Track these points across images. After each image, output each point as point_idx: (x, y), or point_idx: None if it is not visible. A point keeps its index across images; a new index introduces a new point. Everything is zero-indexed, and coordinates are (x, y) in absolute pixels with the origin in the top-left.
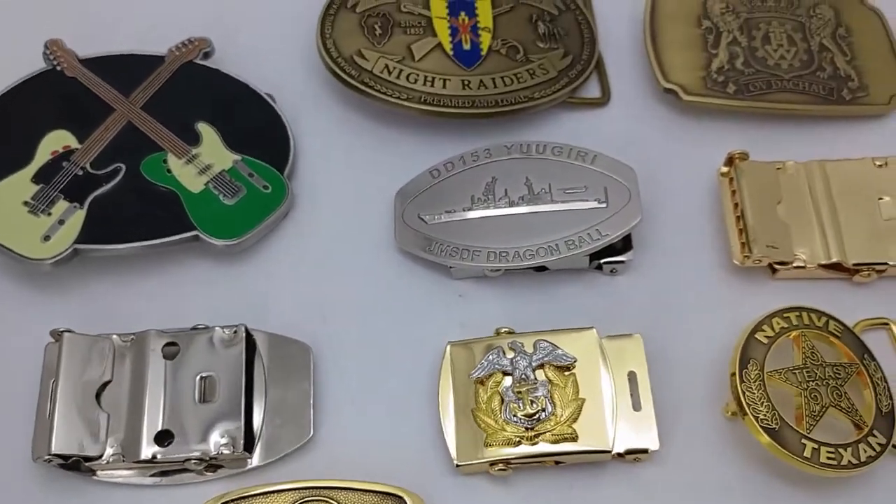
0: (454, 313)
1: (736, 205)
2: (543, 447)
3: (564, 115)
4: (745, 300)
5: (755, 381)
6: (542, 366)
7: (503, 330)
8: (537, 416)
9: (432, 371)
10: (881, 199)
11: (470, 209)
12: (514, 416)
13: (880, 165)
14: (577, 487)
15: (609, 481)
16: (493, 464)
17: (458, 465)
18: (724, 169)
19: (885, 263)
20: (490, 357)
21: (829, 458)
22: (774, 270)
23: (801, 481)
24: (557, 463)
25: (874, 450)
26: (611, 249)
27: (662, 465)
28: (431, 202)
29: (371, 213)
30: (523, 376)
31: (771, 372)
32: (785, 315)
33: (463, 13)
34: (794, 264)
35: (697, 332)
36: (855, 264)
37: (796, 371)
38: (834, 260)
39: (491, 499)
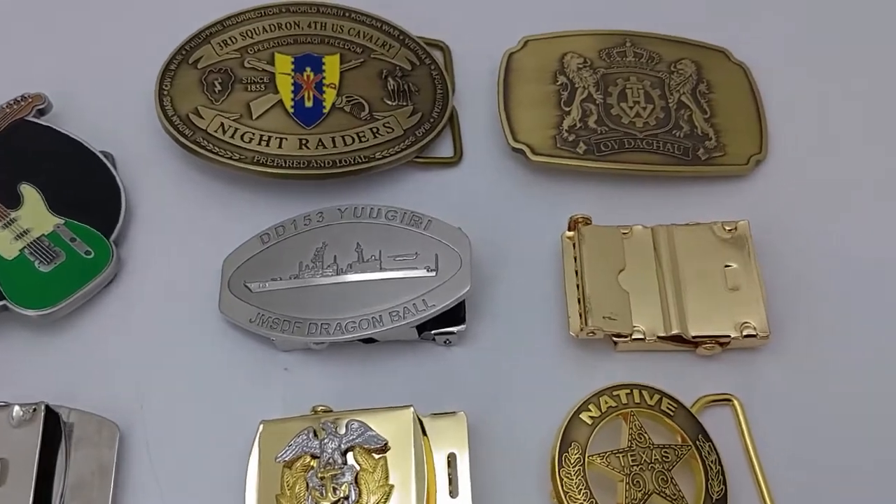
0: (278, 388)
1: (577, 272)
2: None
3: (415, 175)
4: (585, 375)
5: (575, 466)
6: (351, 448)
7: (319, 408)
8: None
9: (246, 452)
10: (727, 266)
11: (297, 277)
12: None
13: (730, 230)
14: None
15: None
16: None
17: None
18: (569, 234)
19: (728, 336)
20: (299, 438)
21: None
22: (616, 343)
23: None
24: None
25: None
26: (445, 319)
27: None
28: (259, 269)
29: (201, 281)
30: (330, 460)
31: (592, 456)
32: (614, 393)
33: (309, 69)
34: (634, 336)
35: (531, 410)
36: (695, 336)
37: (620, 455)
38: (674, 332)
39: None
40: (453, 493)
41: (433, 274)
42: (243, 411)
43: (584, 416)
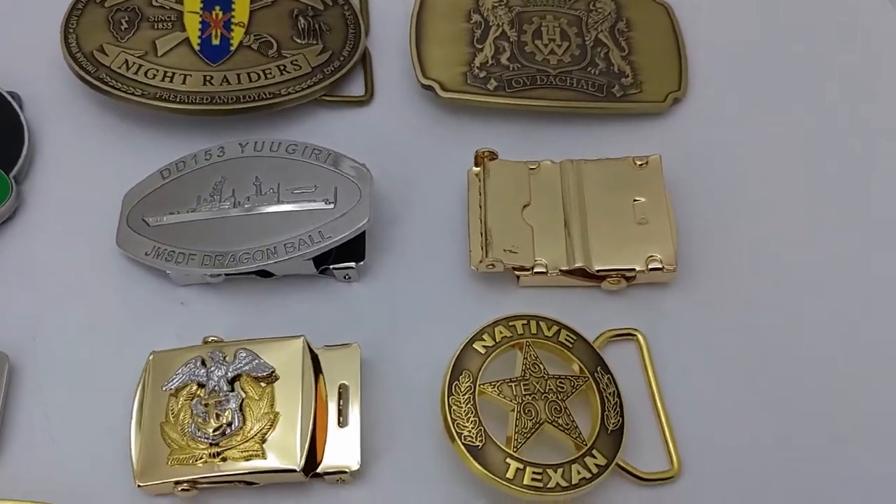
0: (174, 323)
1: (481, 206)
2: (229, 465)
3: (324, 114)
4: (487, 310)
5: (465, 395)
6: (239, 377)
7: (210, 338)
8: (222, 430)
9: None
10: (636, 200)
11: (194, 210)
12: (199, 430)
13: (641, 165)
14: None
15: None
16: (176, 484)
17: (139, 486)
18: (476, 169)
19: (633, 269)
20: (186, 367)
21: (534, 479)
22: (518, 277)
23: None
24: (249, 484)
25: (590, 471)
26: (345, 255)
27: (369, 488)
28: (158, 204)
29: (101, 217)
30: (216, 387)
31: (484, 385)
32: (510, 323)
33: (218, 8)
34: (536, 270)
35: (429, 344)
36: (599, 270)
37: (512, 384)
38: (577, 265)
39: None
40: (342, 423)
41: (331, 206)
42: (137, 345)
43: (477, 345)
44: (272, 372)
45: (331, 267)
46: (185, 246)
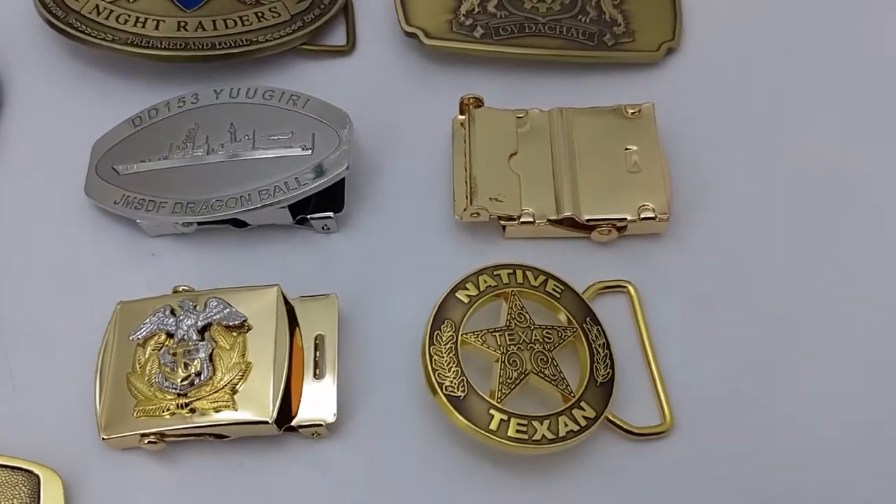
0: (144, 274)
1: (466, 155)
2: (198, 417)
3: (304, 64)
4: (471, 261)
5: (447, 344)
6: (209, 325)
7: (181, 288)
8: (191, 380)
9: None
10: (628, 149)
11: (166, 158)
12: (167, 380)
13: (633, 113)
14: (248, 465)
15: (285, 458)
16: (142, 436)
17: (104, 439)
18: (461, 118)
19: (624, 219)
20: (154, 317)
21: (519, 431)
22: (504, 227)
23: (503, 460)
24: (219, 437)
25: (578, 424)
26: (323, 205)
27: (345, 442)
28: (129, 152)
29: (71, 166)
30: (185, 337)
31: (466, 334)
32: (495, 272)
33: None
34: (522, 219)
35: (410, 296)
36: (589, 220)
37: (496, 333)
38: (565, 214)
39: (145, 478)
40: (318, 374)
41: (309, 153)
42: (105, 296)
43: (460, 294)
44: (244, 321)
45: (308, 217)
46: (157, 194)
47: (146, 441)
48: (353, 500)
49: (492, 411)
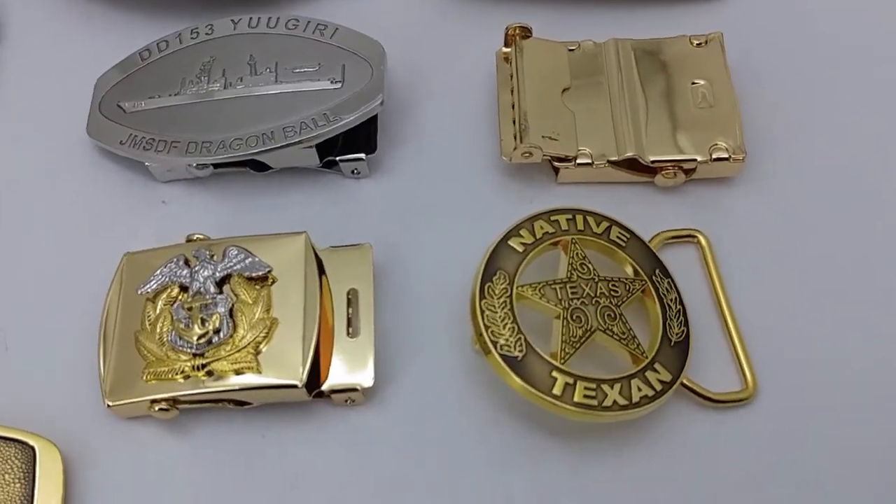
0: (153, 223)
1: (513, 90)
2: (217, 381)
3: None
4: (519, 209)
5: (500, 298)
6: (229, 277)
7: (196, 236)
8: (208, 338)
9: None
10: (695, 83)
11: (178, 94)
12: (181, 338)
13: (699, 44)
14: (272, 437)
15: (313, 429)
16: (153, 403)
17: (109, 405)
18: (506, 49)
19: (693, 160)
20: (166, 268)
21: (587, 396)
22: (557, 170)
23: (562, 429)
24: (240, 404)
25: (653, 388)
26: (352, 146)
27: (383, 409)
28: (136, 88)
29: (72, 105)
30: (201, 289)
31: (522, 287)
32: (552, 218)
33: None
34: (579, 161)
35: (452, 247)
36: (654, 161)
37: (557, 286)
38: (628, 155)
39: (154, 450)
40: (352, 333)
41: (338, 86)
42: (110, 248)
43: (513, 241)
44: (268, 272)
45: (337, 159)
46: (168, 133)
47: (157, 408)
48: (393, 478)
49: (554, 374)
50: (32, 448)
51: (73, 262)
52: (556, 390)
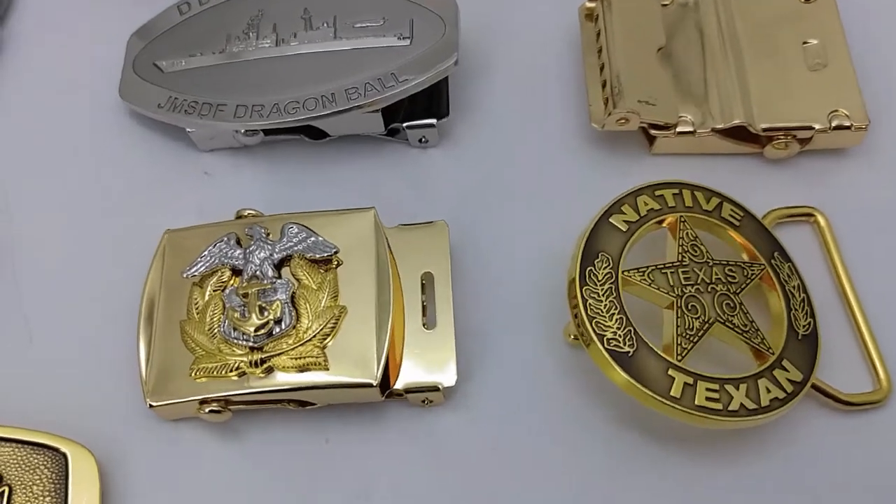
0: (194, 197)
1: (601, 50)
2: (277, 378)
3: None
4: (611, 184)
5: (604, 284)
6: (288, 259)
7: (247, 212)
8: (268, 329)
9: (145, 272)
10: (806, 43)
11: (223, 52)
12: (235, 329)
13: (807, 1)
14: (336, 441)
15: (386, 433)
16: (202, 403)
17: (151, 406)
18: (589, 5)
19: (811, 128)
20: (214, 248)
21: (709, 399)
22: (652, 140)
23: (671, 433)
24: (302, 404)
25: (783, 389)
26: (421, 111)
27: (464, 411)
28: (175, 45)
29: (102, 64)
30: (258, 273)
31: (630, 272)
32: (657, 192)
33: None
34: (679, 129)
35: (538, 224)
36: (766, 129)
37: (668, 270)
38: (736, 122)
39: (201, 457)
40: (428, 324)
41: (406, 43)
42: (149, 225)
43: (615, 219)
44: (335, 252)
45: (403, 125)
46: (211, 96)
47: (207, 409)
48: (475, 488)
49: (671, 372)
50: (64, 455)
51: (106, 241)
52: (675, 391)
